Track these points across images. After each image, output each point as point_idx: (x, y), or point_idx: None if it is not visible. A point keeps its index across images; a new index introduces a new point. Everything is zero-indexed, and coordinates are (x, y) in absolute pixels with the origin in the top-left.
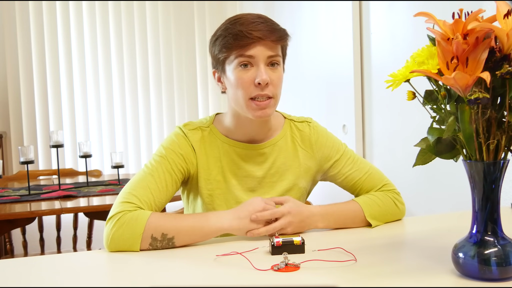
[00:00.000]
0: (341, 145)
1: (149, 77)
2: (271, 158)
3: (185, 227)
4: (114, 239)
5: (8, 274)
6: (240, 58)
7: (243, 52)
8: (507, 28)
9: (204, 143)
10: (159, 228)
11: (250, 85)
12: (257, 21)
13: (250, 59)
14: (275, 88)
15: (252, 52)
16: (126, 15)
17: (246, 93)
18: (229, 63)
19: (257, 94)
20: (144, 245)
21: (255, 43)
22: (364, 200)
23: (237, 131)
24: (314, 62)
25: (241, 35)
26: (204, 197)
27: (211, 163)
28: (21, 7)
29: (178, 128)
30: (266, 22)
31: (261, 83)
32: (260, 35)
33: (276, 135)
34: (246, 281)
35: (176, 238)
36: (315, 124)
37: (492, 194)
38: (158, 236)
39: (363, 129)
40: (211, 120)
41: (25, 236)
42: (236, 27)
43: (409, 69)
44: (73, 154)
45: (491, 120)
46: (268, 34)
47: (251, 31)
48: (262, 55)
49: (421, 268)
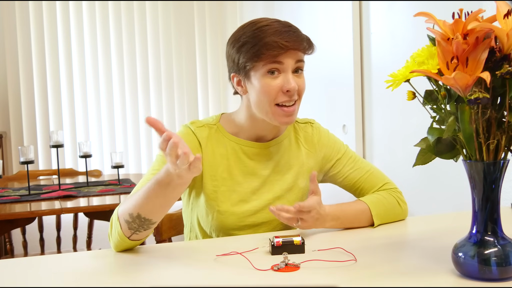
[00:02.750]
0: (343, 146)
1: (149, 77)
2: (276, 157)
3: (142, 199)
4: (113, 241)
5: (8, 274)
6: (269, 65)
7: (274, 60)
8: (507, 28)
9: (211, 140)
10: (125, 211)
11: (278, 92)
12: (287, 30)
13: (279, 66)
14: (300, 94)
15: (282, 60)
16: (126, 15)
17: (272, 99)
18: (256, 70)
19: (284, 101)
20: (125, 232)
21: (287, 52)
22: (370, 199)
23: (248, 131)
24: (314, 62)
25: (274, 45)
26: (208, 193)
27: (218, 160)
28: (21, 7)
29: (184, 126)
30: (296, 32)
31: (291, 90)
32: (293, 46)
33: (281, 135)
34: (246, 281)
35: (142, 213)
36: (318, 125)
37: (492, 194)
38: (128, 218)
39: (363, 129)
40: (217, 118)
41: (25, 236)
42: (267, 36)
43: (409, 69)
44: (73, 154)
45: (491, 120)
46: (298, 45)
47: (285, 41)
48: (291, 63)
49: (421, 268)
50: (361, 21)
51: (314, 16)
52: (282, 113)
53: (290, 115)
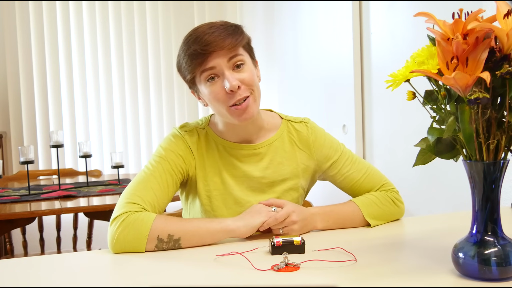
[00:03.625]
0: (339, 145)
1: (149, 77)
2: (267, 158)
3: (192, 228)
4: (119, 240)
5: (8, 274)
6: (204, 74)
7: (204, 68)
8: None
9: (201, 144)
10: (165, 229)
11: (224, 95)
12: (209, 32)
13: (213, 71)
14: (249, 86)
15: (211, 64)
16: (126, 15)
17: (223, 103)
18: (199, 82)
19: (235, 101)
20: (149, 246)
21: (211, 55)
22: (361, 200)
23: (230, 133)
24: (314, 62)
25: (196, 54)
26: (202, 198)
27: (208, 164)
28: (21, 7)
29: (175, 130)
30: (218, 30)
31: (232, 89)
32: (213, 47)
33: (272, 135)
34: (246, 281)
35: (183, 239)
36: (313, 124)
37: (492, 194)
38: (165, 237)
39: (363, 129)
40: (206, 121)
41: (25, 236)
42: (190, 46)
43: (409, 69)
44: (73, 154)
45: (491, 120)
46: (222, 43)
47: (204, 46)
48: (223, 63)
49: (421, 268)
50: (361, 21)
51: (314, 16)
52: (237, 112)
53: (245, 110)
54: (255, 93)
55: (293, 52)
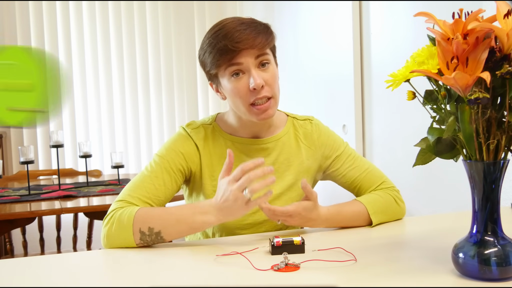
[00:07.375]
0: (342, 143)
1: (149, 77)
2: (275, 153)
3: (172, 221)
4: (109, 237)
5: (8, 274)
6: (230, 68)
7: (232, 63)
8: (507, 28)
9: (208, 140)
10: (145, 222)
11: (247, 92)
12: (240, 29)
13: (240, 67)
14: (271, 87)
15: (240, 61)
16: (126, 15)
17: (244, 100)
18: (222, 76)
19: (256, 99)
20: (136, 239)
21: (241, 53)
22: (367, 199)
23: (241, 130)
24: (314, 62)
25: (226, 49)
26: (208, 193)
27: (215, 160)
28: (21, 7)
29: (181, 128)
30: (249, 27)
31: (256, 88)
32: (245, 45)
33: (279, 131)
34: (246, 281)
35: (164, 233)
36: (317, 122)
37: (492, 194)
38: (146, 230)
39: (363, 129)
40: (213, 118)
41: (25, 236)
42: (220, 41)
43: (409, 69)
44: (73, 154)
45: (491, 120)
46: (252, 41)
47: (235, 43)
48: (250, 61)
49: (421, 268)
50: (361, 21)
51: (314, 16)
52: (257, 111)
53: (265, 111)
54: (275, 97)
55: (293, 52)
